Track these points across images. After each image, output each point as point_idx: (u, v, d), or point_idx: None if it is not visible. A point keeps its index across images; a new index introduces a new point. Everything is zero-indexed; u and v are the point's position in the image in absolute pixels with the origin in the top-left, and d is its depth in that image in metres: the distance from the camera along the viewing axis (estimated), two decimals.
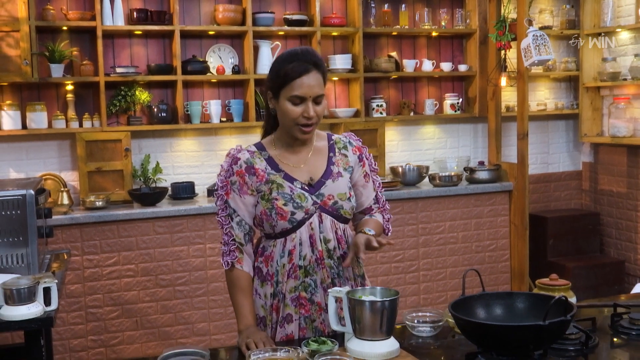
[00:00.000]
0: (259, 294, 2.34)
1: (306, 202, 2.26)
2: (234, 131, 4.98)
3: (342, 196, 2.32)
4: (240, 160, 2.31)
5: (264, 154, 2.33)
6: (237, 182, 2.29)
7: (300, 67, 2.20)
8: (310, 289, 2.28)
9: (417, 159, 5.47)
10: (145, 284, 4.43)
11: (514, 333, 1.76)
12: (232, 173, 2.31)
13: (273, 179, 2.28)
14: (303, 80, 2.19)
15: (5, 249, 2.79)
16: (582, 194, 6.01)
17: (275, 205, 2.25)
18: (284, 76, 2.21)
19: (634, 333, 2.14)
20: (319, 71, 2.23)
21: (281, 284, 2.29)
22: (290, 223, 2.25)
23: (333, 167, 2.36)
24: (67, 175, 4.67)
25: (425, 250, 5.06)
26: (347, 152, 2.41)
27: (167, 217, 4.46)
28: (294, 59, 2.22)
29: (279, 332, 2.29)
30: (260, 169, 2.29)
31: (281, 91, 2.23)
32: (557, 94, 5.90)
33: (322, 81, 2.24)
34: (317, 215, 2.28)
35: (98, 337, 4.36)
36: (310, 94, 2.21)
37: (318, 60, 2.25)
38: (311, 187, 2.30)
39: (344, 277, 2.34)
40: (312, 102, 2.22)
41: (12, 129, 4.44)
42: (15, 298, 2.48)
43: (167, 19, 4.70)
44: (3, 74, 4.28)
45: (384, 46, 5.35)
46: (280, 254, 2.29)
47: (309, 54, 2.25)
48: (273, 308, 2.31)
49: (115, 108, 4.66)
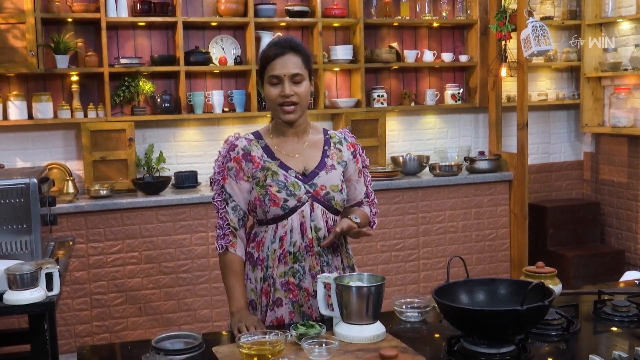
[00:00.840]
0: (250, 278, 2.42)
1: (299, 191, 2.33)
2: (236, 121, 5.05)
3: (335, 188, 2.39)
4: (237, 147, 2.38)
5: (261, 142, 2.41)
6: (234, 168, 2.37)
7: (277, 50, 2.33)
8: (298, 274, 2.35)
9: (418, 149, 5.52)
10: (149, 271, 4.52)
11: (493, 318, 1.82)
12: (229, 159, 2.38)
13: (268, 166, 2.35)
14: (278, 62, 2.31)
15: (10, 235, 2.87)
16: (583, 184, 6.05)
17: (269, 192, 2.32)
18: (263, 61, 2.35)
19: (617, 319, 2.20)
20: (297, 54, 2.33)
21: (271, 268, 2.36)
22: (283, 210, 2.32)
23: (327, 159, 2.43)
24: (72, 164, 4.76)
25: (426, 239, 5.12)
26: (342, 147, 2.48)
27: (170, 206, 4.54)
28: (274, 45, 2.36)
29: (269, 315, 2.37)
30: (256, 156, 2.37)
31: (263, 76, 2.36)
32: (558, 84, 5.93)
33: (301, 63, 2.34)
34: (309, 204, 2.35)
35: (102, 323, 4.46)
36: (284, 72, 2.30)
37: (295, 44, 2.35)
38: (305, 176, 2.37)
39: (332, 266, 2.41)
40: (289, 82, 2.31)
41: (19, 119, 4.53)
42: (19, 283, 2.56)
43: (170, 10, 4.77)
44: (9, 65, 4.37)
45: (385, 37, 5.40)
46: (272, 239, 2.36)
47: (288, 40, 2.37)
48: (263, 292, 2.38)
49: (119, 98, 4.73)
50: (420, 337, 2.13)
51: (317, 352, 1.88)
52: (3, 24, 4.30)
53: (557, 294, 2.37)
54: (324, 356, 1.87)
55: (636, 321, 2.18)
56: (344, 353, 1.91)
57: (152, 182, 4.67)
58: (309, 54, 2.39)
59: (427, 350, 1.96)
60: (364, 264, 4.92)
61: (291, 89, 2.31)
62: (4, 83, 4.60)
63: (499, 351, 1.86)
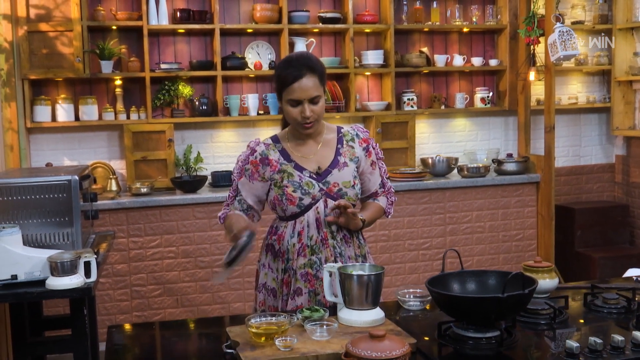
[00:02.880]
0: (272, 268, 2.65)
1: (313, 189, 2.55)
2: (270, 123, 5.28)
3: (347, 184, 2.60)
4: (256, 152, 2.63)
5: (278, 146, 2.63)
6: (250, 169, 2.62)
7: (295, 72, 2.48)
8: (315, 266, 2.56)
9: (448, 151, 5.67)
10: (185, 265, 4.77)
11: (476, 304, 1.99)
12: (247, 162, 2.64)
13: (284, 169, 2.58)
14: (297, 86, 2.48)
15: (53, 227, 3.13)
16: (614, 187, 6.10)
17: (286, 192, 2.55)
18: (282, 82, 2.51)
19: (605, 311, 2.34)
20: (314, 74, 2.50)
21: (291, 261, 2.58)
22: (299, 207, 2.55)
23: (340, 157, 2.63)
24: (115, 163, 5.04)
25: (453, 238, 5.27)
26: (354, 144, 2.68)
27: (206, 203, 4.78)
28: (289, 65, 2.51)
29: (290, 303, 2.58)
30: (273, 159, 2.59)
31: (282, 94, 2.54)
32: (589, 88, 6.00)
33: (318, 82, 2.51)
34: (322, 200, 2.56)
35: (142, 313, 4.72)
36: (304, 96, 2.49)
37: (312, 64, 2.51)
38: (319, 175, 2.59)
39: (346, 256, 2.61)
40: (308, 103, 2.49)
41: (66, 120, 4.83)
42: (60, 270, 2.82)
43: (209, 18, 5.02)
44: (58, 70, 4.67)
45: (416, 42, 5.57)
46: (291, 234, 2.59)
47: (303, 59, 2.53)
48: (284, 282, 2.60)
49: (159, 101, 5.00)
50: (417, 322, 2.32)
51: (318, 333, 2.07)
52: (52, 32, 4.61)
53: (553, 287, 2.52)
54: (325, 336, 2.06)
55: (623, 313, 2.32)
56: (343, 335, 2.10)
57: (189, 181, 4.92)
58: (323, 69, 2.56)
59: (420, 334, 2.14)
60: (392, 262, 5.10)
61: (310, 109, 2.50)
62: (52, 87, 4.91)
63: (484, 335, 2.03)
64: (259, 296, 2.72)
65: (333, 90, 5.18)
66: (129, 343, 2.35)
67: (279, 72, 2.53)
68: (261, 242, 2.76)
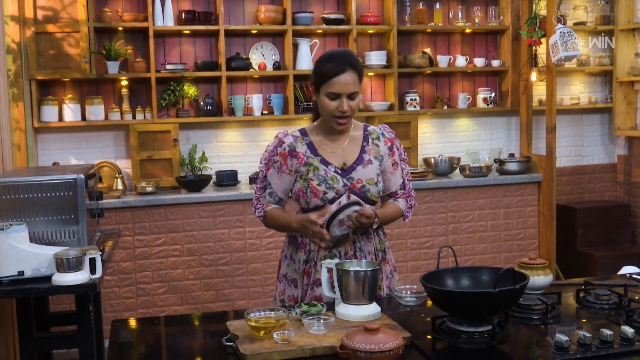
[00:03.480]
0: (294, 259, 2.73)
1: (337, 184, 2.62)
2: (274, 123, 5.34)
3: (370, 181, 2.67)
4: (284, 144, 2.69)
5: (306, 139, 2.71)
6: (279, 161, 2.68)
7: (337, 67, 2.56)
8: (335, 258, 2.62)
9: (450, 151, 5.71)
10: (190, 263, 4.83)
11: (469, 299, 2.04)
12: (275, 153, 2.70)
13: (311, 162, 2.65)
14: (337, 80, 2.55)
15: (59, 225, 3.20)
16: (616, 186, 6.14)
17: (311, 185, 2.62)
18: (323, 74, 2.58)
19: (597, 307, 2.39)
20: (354, 70, 2.58)
21: (313, 252, 2.65)
22: (322, 201, 2.62)
23: (365, 155, 2.70)
24: (121, 162, 5.11)
25: (455, 237, 5.32)
26: (380, 142, 2.75)
27: (211, 202, 4.85)
28: (332, 59, 2.59)
29: (309, 293, 2.65)
30: (301, 152, 2.67)
31: (320, 87, 2.60)
32: (591, 88, 6.04)
33: (357, 79, 2.59)
34: (345, 195, 2.63)
35: (147, 310, 4.79)
36: (344, 91, 2.56)
37: (354, 61, 2.59)
38: (343, 170, 2.66)
39: (365, 251, 2.69)
40: (346, 98, 2.57)
41: (73, 120, 4.91)
42: (65, 266, 2.88)
43: (213, 19, 5.08)
44: (65, 70, 4.74)
45: (418, 43, 5.62)
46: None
47: (346, 55, 2.61)
48: (305, 272, 2.67)
49: (165, 102, 5.07)
50: (412, 317, 2.37)
51: (315, 327, 2.13)
52: (59, 33, 4.68)
53: (547, 284, 2.57)
54: (322, 330, 2.12)
55: (615, 308, 2.37)
56: (340, 328, 2.16)
57: (194, 180, 4.98)
58: (362, 68, 2.64)
59: (415, 329, 2.19)
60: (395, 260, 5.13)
61: (348, 104, 2.58)
62: (59, 87, 4.99)
63: (477, 330, 2.08)
64: (279, 286, 2.80)
65: None
66: (132, 337, 2.40)
67: (321, 65, 2.61)
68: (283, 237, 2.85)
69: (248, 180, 5.21)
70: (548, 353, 1.98)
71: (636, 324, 2.14)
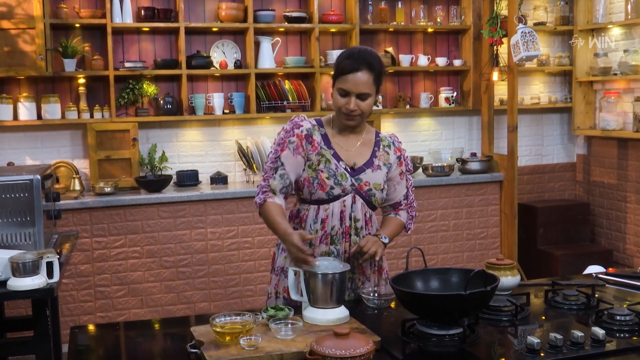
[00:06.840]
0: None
1: (345, 182, 2.58)
2: (236, 122, 5.26)
3: (377, 186, 2.63)
4: (302, 127, 2.63)
5: (321, 129, 2.66)
6: (295, 142, 2.60)
7: (353, 64, 2.50)
8: (333, 255, 2.58)
9: (413, 150, 5.71)
10: (150, 265, 4.73)
11: (440, 302, 2.02)
12: (292, 134, 2.61)
13: (324, 153, 2.60)
14: (350, 77, 2.50)
15: (15, 227, 3.09)
16: (576, 185, 6.21)
17: (319, 176, 2.57)
18: (339, 69, 2.54)
19: (566, 307, 2.39)
20: (371, 71, 2.50)
21: (314, 246, 2.58)
22: (327, 195, 2.57)
23: (375, 159, 2.66)
24: (78, 162, 4.99)
25: (417, 237, 5.31)
26: (390, 150, 2.72)
27: (171, 203, 4.75)
28: (351, 56, 2.53)
29: None
30: (316, 140, 2.62)
31: (335, 81, 2.56)
32: (551, 88, 6.10)
33: (373, 81, 2.51)
34: (351, 195, 2.59)
35: (106, 314, 4.68)
36: (354, 90, 2.51)
37: (373, 62, 2.52)
38: (353, 170, 2.62)
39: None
40: (355, 97, 2.51)
41: (28, 119, 4.77)
42: (21, 270, 2.78)
43: (173, 16, 4.99)
44: (20, 68, 4.60)
45: (381, 42, 5.60)
46: (313, 219, 2.60)
47: (366, 54, 2.53)
48: None
49: (124, 100, 4.96)
50: (381, 320, 2.33)
51: (283, 332, 2.08)
52: (14, 29, 4.54)
53: (515, 284, 2.56)
54: (289, 335, 2.07)
55: (583, 309, 2.36)
56: (308, 333, 2.11)
57: (154, 180, 4.89)
58: (382, 70, 2.56)
59: (385, 332, 2.16)
60: None
61: (356, 104, 2.53)
62: (14, 85, 4.84)
63: (447, 332, 2.05)
64: (273, 278, 2.73)
65: (298, 90, 5.19)
66: (92, 344, 2.32)
67: (339, 60, 2.56)
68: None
69: (209, 180, 5.13)
70: (519, 355, 1.96)
71: (606, 325, 2.13)
